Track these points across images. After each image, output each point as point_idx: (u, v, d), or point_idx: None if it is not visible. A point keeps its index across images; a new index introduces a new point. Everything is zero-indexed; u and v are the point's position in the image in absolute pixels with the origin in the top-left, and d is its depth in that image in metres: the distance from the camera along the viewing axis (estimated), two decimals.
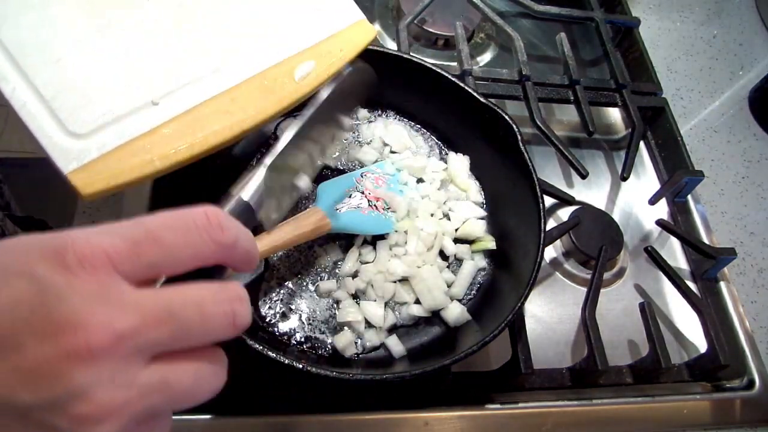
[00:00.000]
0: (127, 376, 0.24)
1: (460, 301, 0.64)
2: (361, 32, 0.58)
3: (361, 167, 0.70)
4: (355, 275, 0.63)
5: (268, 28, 0.52)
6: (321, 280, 0.63)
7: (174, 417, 0.58)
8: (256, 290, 0.61)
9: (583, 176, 0.78)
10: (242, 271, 0.33)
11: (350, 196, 0.64)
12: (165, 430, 0.28)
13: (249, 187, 0.44)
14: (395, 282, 0.63)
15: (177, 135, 0.45)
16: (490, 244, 0.68)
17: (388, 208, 0.66)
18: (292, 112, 0.73)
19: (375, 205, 0.65)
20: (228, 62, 0.49)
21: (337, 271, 0.63)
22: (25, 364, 0.23)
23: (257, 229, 0.64)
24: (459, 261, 0.67)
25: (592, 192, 0.84)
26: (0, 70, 0.42)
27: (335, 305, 0.62)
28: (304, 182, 0.55)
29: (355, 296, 0.63)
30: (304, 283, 0.62)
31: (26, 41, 0.43)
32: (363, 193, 0.65)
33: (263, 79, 0.50)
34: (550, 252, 0.77)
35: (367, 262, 0.64)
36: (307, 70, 0.52)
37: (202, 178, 0.66)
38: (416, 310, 0.62)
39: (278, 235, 0.55)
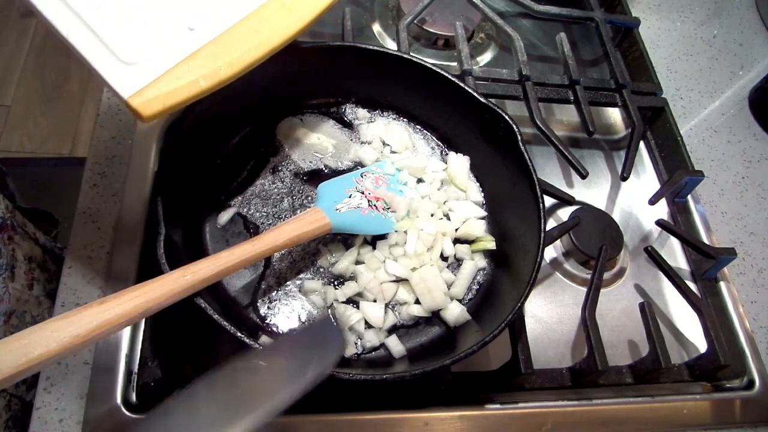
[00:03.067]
0: None
1: (460, 301, 0.64)
2: None
3: (361, 167, 0.70)
4: (350, 278, 0.63)
5: None
6: (307, 279, 0.63)
7: None
8: (256, 290, 0.61)
9: (583, 176, 0.77)
10: None
11: (350, 196, 0.64)
12: None
13: None
14: (396, 282, 0.63)
15: (215, 56, 0.50)
16: (490, 244, 0.68)
17: (388, 208, 0.66)
18: (292, 112, 0.74)
19: (375, 205, 0.65)
20: None
21: (330, 269, 0.63)
22: None
23: (257, 229, 0.64)
24: (459, 261, 0.67)
25: (592, 192, 0.84)
26: (56, 13, 0.46)
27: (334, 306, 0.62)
28: None
29: (352, 300, 0.63)
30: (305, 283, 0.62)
31: None
32: (363, 193, 0.65)
33: None
34: (550, 252, 0.77)
35: (365, 263, 0.64)
36: None
37: (202, 177, 0.66)
38: (416, 310, 0.62)
39: (278, 235, 0.55)
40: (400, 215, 0.66)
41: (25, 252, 0.77)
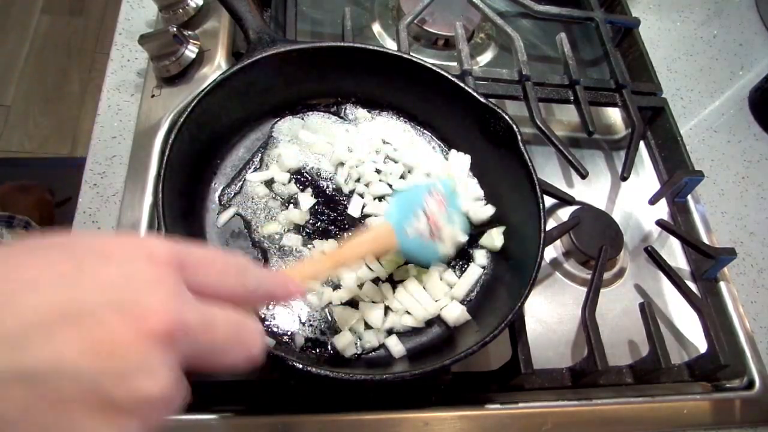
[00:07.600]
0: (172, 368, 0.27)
1: (460, 301, 0.64)
2: None
3: (427, 181, 0.68)
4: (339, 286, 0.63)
5: None
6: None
7: (174, 416, 0.58)
8: None
9: (583, 176, 0.77)
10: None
11: (418, 218, 0.60)
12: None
13: None
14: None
15: None
16: (498, 240, 0.67)
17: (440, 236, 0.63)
18: (292, 112, 0.74)
19: (433, 233, 0.62)
20: None
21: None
22: (107, 337, 0.25)
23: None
24: (467, 261, 0.67)
25: (592, 192, 0.84)
26: None
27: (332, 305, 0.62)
28: None
29: (351, 300, 0.62)
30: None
31: None
32: (427, 216, 0.61)
33: None
34: (550, 252, 0.77)
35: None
36: None
37: (202, 177, 0.66)
38: (410, 321, 0.62)
39: (348, 252, 0.55)
40: (446, 248, 0.63)
41: None
